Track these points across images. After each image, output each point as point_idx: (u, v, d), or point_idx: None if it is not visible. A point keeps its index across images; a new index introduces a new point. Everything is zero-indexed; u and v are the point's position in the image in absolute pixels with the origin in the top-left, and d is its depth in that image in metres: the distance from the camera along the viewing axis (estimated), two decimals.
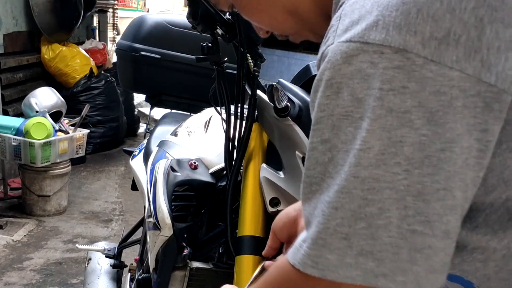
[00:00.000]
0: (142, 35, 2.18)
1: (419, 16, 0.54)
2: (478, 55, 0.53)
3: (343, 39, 0.57)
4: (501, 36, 0.54)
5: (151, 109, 2.50)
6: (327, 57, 0.58)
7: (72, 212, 3.98)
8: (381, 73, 0.54)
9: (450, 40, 0.53)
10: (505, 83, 0.53)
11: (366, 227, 0.56)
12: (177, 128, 1.68)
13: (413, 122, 0.53)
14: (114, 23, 10.06)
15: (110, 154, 5.47)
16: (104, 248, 2.13)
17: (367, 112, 0.55)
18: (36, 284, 2.94)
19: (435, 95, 0.53)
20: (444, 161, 0.54)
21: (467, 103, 0.53)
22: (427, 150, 0.54)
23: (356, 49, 0.55)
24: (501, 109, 0.54)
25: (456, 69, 0.53)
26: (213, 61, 1.25)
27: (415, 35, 0.53)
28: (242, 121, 1.24)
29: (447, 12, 0.53)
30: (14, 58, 4.63)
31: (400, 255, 0.56)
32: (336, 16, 0.61)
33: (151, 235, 1.37)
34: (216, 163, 1.36)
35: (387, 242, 0.56)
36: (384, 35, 0.54)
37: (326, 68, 0.58)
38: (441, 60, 0.53)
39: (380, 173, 0.55)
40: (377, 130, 0.54)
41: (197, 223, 1.30)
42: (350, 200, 0.56)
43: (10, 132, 3.61)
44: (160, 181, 1.34)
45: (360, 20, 0.56)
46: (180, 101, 2.28)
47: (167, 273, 1.28)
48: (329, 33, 0.61)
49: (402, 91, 0.53)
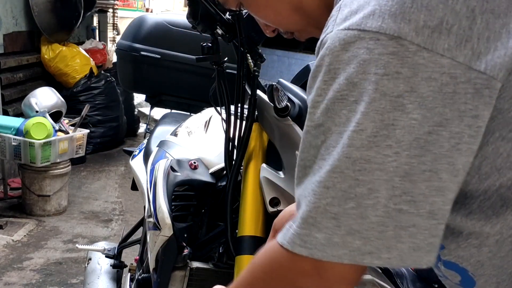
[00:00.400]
0: (142, 35, 2.18)
1: (414, 6, 0.56)
2: (469, 44, 0.55)
3: (341, 27, 0.59)
4: (491, 27, 0.56)
5: (151, 109, 2.50)
6: (326, 44, 0.61)
7: (72, 212, 3.98)
8: (376, 58, 0.56)
9: (442, 29, 0.56)
10: (494, 70, 0.55)
11: (355, 207, 0.58)
12: (177, 128, 1.68)
13: (405, 106, 0.56)
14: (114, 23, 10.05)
15: (110, 154, 5.47)
16: (104, 248, 2.13)
17: (362, 96, 0.57)
18: (36, 284, 2.94)
19: (426, 81, 0.55)
20: (431, 143, 0.56)
21: (457, 89, 0.55)
22: (416, 133, 0.56)
23: (354, 36, 0.58)
24: (491, 95, 0.56)
25: (447, 56, 0.55)
26: (213, 61, 1.25)
27: (409, 23, 0.56)
28: (242, 121, 1.24)
29: (440, 2, 0.56)
30: (14, 58, 4.63)
31: (386, 233, 0.58)
32: (336, 7, 0.64)
33: (151, 235, 1.37)
34: (216, 163, 1.36)
35: (374, 221, 0.58)
36: (380, 23, 0.57)
37: (325, 55, 0.60)
38: (433, 48, 0.55)
39: (371, 155, 0.57)
40: (371, 112, 0.56)
41: (197, 223, 1.30)
42: (341, 179, 0.58)
43: (10, 132, 3.61)
44: (160, 181, 1.34)
45: (359, 10, 0.59)
46: (180, 101, 2.28)
47: (167, 273, 1.28)
48: (329, 22, 0.64)
49: (396, 76, 0.56)
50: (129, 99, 6.15)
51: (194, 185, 1.30)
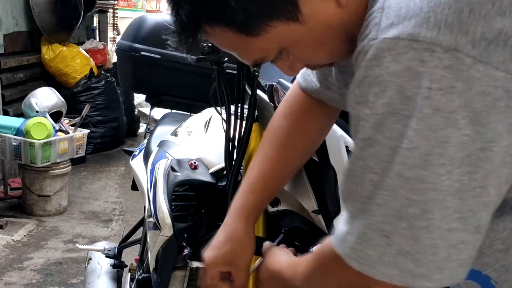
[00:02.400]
0: (142, 35, 2.18)
1: (471, 16, 0.54)
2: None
3: (390, 35, 0.56)
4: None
5: (151, 109, 2.50)
6: (370, 52, 0.58)
7: (72, 212, 3.98)
8: (431, 71, 0.54)
9: (499, 41, 0.53)
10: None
11: (407, 228, 0.57)
12: (177, 128, 1.68)
13: (458, 122, 0.54)
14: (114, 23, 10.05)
15: (110, 154, 5.47)
16: (104, 248, 2.13)
17: (415, 111, 0.55)
18: (36, 284, 2.94)
19: (480, 95, 0.53)
20: (483, 159, 0.55)
21: (510, 103, 0.54)
22: (468, 149, 0.54)
23: (405, 46, 0.55)
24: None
25: (502, 69, 0.53)
26: (213, 61, 1.25)
27: (466, 35, 0.53)
28: (242, 121, 1.24)
29: (497, 14, 0.53)
30: (14, 58, 4.63)
31: (439, 255, 0.57)
32: (378, 8, 0.60)
33: (151, 235, 1.37)
34: (216, 163, 1.36)
35: (427, 243, 0.57)
36: (436, 33, 0.54)
37: (373, 65, 0.57)
38: (489, 61, 0.53)
39: (425, 174, 0.55)
40: (424, 129, 0.55)
41: (197, 223, 1.30)
42: (393, 198, 0.57)
43: (10, 132, 3.61)
44: (160, 181, 1.34)
45: (409, 15, 0.56)
46: (180, 101, 2.28)
47: (167, 273, 1.28)
48: (370, 25, 0.60)
49: (450, 91, 0.54)
50: (129, 99, 6.15)
51: (194, 185, 1.30)
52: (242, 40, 0.68)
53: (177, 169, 1.34)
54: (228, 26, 0.66)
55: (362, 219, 0.60)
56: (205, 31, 0.69)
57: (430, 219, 0.56)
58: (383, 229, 0.58)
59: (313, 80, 0.94)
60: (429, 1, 0.55)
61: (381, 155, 0.58)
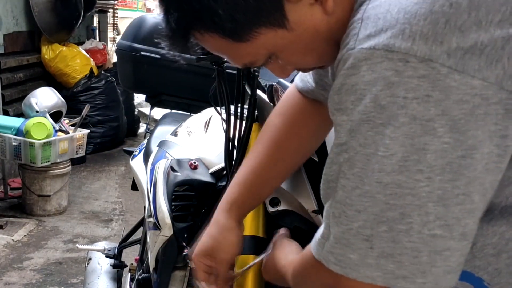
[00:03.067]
0: (142, 35, 2.18)
1: (447, 27, 0.54)
2: (499, 63, 0.54)
3: (366, 46, 0.57)
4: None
5: (151, 109, 2.50)
6: (349, 61, 0.59)
7: (72, 212, 3.98)
8: (405, 81, 0.55)
9: (475, 50, 0.54)
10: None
11: (388, 231, 0.58)
12: (177, 128, 1.68)
13: (436, 130, 0.55)
14: (114, 23, 10.06)
15: (110, 154, 5.47)
16: (104, 248, 2.13)
17: (390, 119, 0.56)
18: (36, 284, 2.94)
19: (458, 104, 0.54)
20: (465, 167, 0.55)
21: (489, 110, 0.54)
22: (449, 157, 0.55)
23: (381, 56, 0.56)
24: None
25: (478, 78, 0.54)
26: (213, 61, 1.25)
27: (441, 45, 0.54)
28: (242, 121, 1.24)
29: (474, 24, 0.54)
30: (14, 58, 4.63)
31: (420, 258, 0.58)
32: (358, 18, 0.61)
33: (151, 235, 1.37)
34: (216, 163, 1.36)
35: (408, 246, 0.57)
36: (410, 44, 0.55)
37: (350, 74, 0.59)
38: (465, 69, 0.54)
39: (402, 179, 0.56)
40: (401, 137, 0.56)
41: (197, 223, 1.30)
42: (373, 204, 0.58)
43: (10, 132, 3.61)
44: (160, 181, 1.34)
45: (385, 26, 0.57)
46: (180, 101, 2.28)
47: (167, 273, 1.28)
48: (349, 35, 0.61)
49: (426, 100, 0.55)
50: (129, 99, 6.15)
51: (194, 185, 1.30)
52: (231, 46, 0.69)
53: (177, 169, 1.34)
54: (217, 32, 0.68)
55: (341, 225, 0.61)
56: (195, 36, 0.71)
57: (409, 223, 0.57)
58: (364, 234, 0.59)
59: (309, 80, 0.94)
60: (406, 12, 0.56)
61: (355, 161, 0.59)
